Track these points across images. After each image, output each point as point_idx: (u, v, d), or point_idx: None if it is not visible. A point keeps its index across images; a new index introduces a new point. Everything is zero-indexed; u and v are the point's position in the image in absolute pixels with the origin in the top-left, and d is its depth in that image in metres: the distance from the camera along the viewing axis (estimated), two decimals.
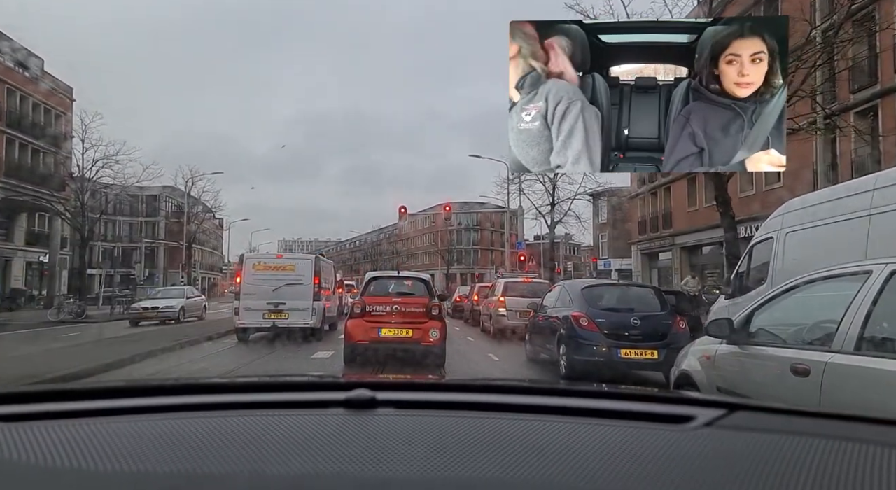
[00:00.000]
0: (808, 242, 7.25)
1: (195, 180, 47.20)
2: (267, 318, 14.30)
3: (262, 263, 14.87)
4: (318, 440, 0.97)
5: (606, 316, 9.47)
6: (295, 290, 14.49)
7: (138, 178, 33.46)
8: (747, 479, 0.87)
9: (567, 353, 9.59)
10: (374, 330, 10.46)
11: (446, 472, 0.89)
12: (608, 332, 9.25)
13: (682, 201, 30.33)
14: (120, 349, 11.98)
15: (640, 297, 10.19)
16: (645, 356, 9.08)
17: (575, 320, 9.53)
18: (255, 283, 14.47)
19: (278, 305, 14.34)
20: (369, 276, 12.46)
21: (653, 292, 10.43)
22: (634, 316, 9.40)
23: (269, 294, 14.37)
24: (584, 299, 9.86)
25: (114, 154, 31.98)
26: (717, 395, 4.03)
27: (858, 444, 0.98)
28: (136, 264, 47.83)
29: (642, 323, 9.29)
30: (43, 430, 0.99)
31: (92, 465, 0.88)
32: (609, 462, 0.93)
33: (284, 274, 14.67)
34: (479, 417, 1.14)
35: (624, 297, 10.23)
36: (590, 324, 9.40)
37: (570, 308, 9.97)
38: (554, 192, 32.65)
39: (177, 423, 1.07)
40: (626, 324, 9.31)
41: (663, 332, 9.31)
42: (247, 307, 14.34)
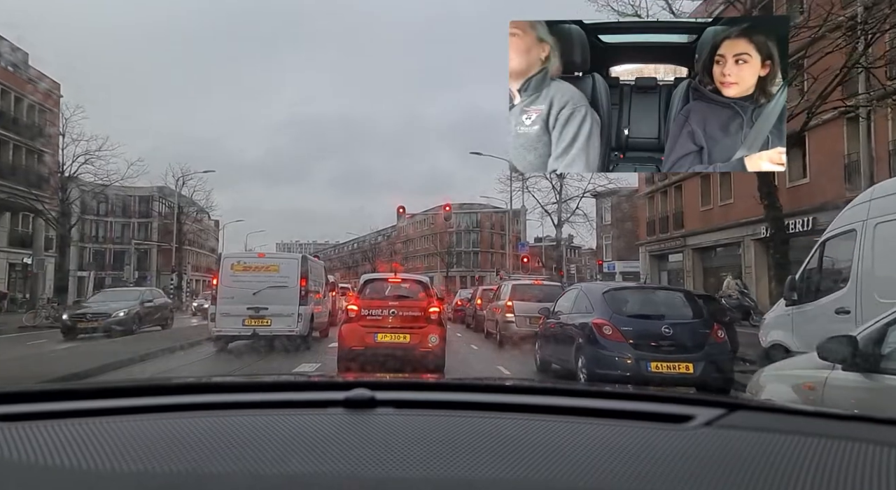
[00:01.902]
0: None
1: (186, 179, 45.65)
2: (247, 324, 12.74)
3: (242, 263, 13.29)
4: (318, 440, 0.97)
5: (633, 324, 8.10)
6: (279, 293, 12.96)
7: (122, 176, 31.66)
8: (747, 479, 0.87)
9: (587, 365, 8.23)
10: (369, 335, 9.81)
11: (446, 471, 0.89)
12: (635, 341, 7.90)
13: (694, 200, 28.92)
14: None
15: (670, 302, 8.80)
16: (678, 370, 7.73)
17: (597, 328, 8.15)
18: (233, 286, 12.93)
19: (260, 310, 12.80)
20: (364, 277, 11.54)
21: (684, 296, 9.03)
22: (665, 324, 8.02)
23: (250, 298, 12.81)
24: (607, 304, 8.48)
25: (96, 150, 30.34)
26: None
27: (858, 443, 0.98)
28: (126, 266, 46.22)
29: (675, 332, 7.92)
30: (44, 429, 0.99)
31: (92, 465, 0.88)
32: (609, 461, 0.92)
33: (267, 275, 13.14)
34: (479, 417, 1.13)
35: (652, 302, 8.85)
36: (614, 332, 8.02)
37: (591, 314, 8.59)
38: (561, 190, 31.24)
39: (176, 422, 1.06)
40: (657, 333, 7.94)
41: (699, 342, 7.94)
42: (224, 312, 12.79)
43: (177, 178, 45.61)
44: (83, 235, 61.25)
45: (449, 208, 38.75)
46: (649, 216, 34.86)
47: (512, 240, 40.70)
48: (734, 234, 25.58)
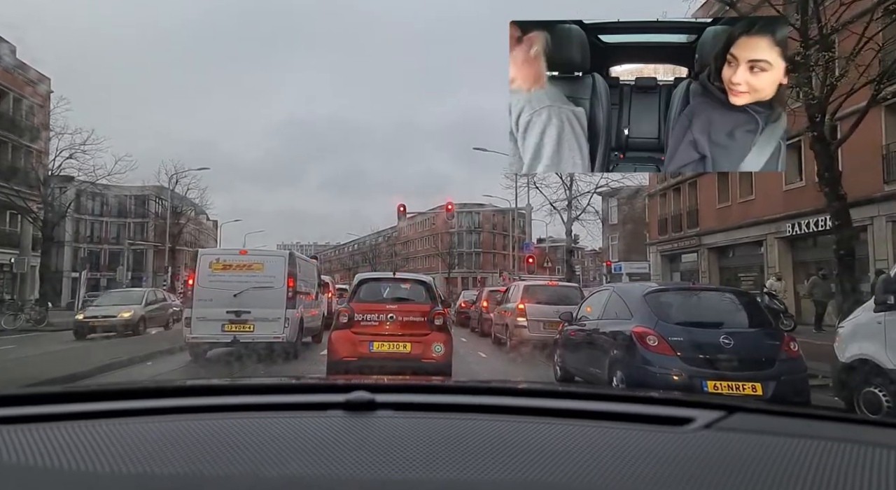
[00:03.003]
0: None
1: (180, 177, 44.13)
2: (226, 330, 11.20)
3: (221, 261, 11.70)
4: (318, 442, 0.96)
5: (684, 333, 6.64)
6: (263, 294, 11.42)
7: (109, 171, 29.93)
8: (746, 481, 0.87)
9: (626, 382, 6.80)
10: (363, 344, 8.56)
11: (446, 474, 0.88)
12: (687, 355, 6.46)
13: (710, 197, 27.42)
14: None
15: (726, 306, 7.31)
16: (743, 391, 6.29)
17: (639, 338, 6.71)
18: (211, 287, 11.38)
19: (241, 314, 11.26)
20: (359, 277, 10.01)
21: (743, 299, 7.52)
22: (724, 333, 6.56)
23: (230, 300, 11.27)
24: (650, 309, 7.02)
25: (81, 144, 28.70)
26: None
27: (857, 445, 0.98)
28: (119, 267, 44.78)
29: (736, 343, 6.47)
30: (44, 432, 0.99)
31: (92, 467, 0.88)
32: (608, 464, 0.92)
33: (250, 274, 11.58)
34: (479, 420, 1.13)
35: (704, 307, 7.36)
36: (661, 344, 6.57)
37: (629, 321, 7.14)
38: (571, 185, 29.73)
39: (176, 425, 1.06)
40: (714, 344, 6.49)
41: (768, 356, 6.49)
42: (201, 317, 11.23)
43: (170, 176, 44.03)
44: (77, 235, 60.36)
45: (451, 208, 37.33)
46: (661, 214, 33.35)
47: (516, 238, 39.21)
48: (755, 233, 24.11)
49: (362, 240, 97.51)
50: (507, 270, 40.85)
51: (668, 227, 32.19)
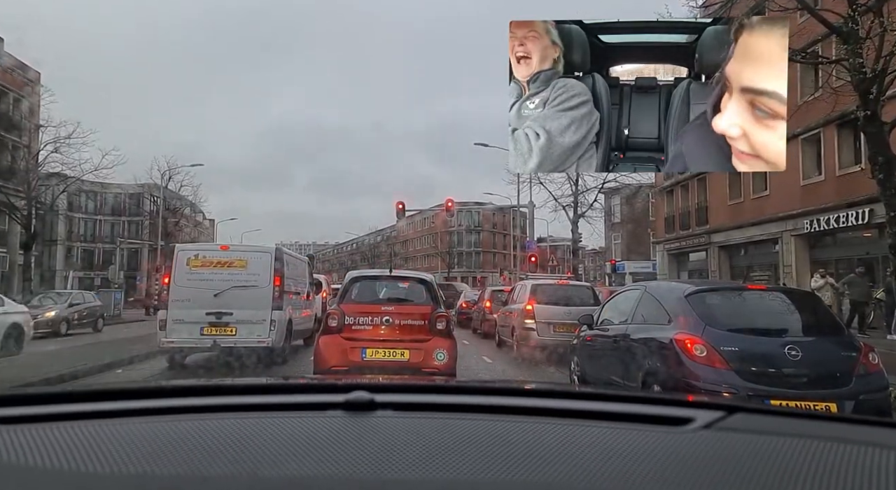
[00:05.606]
0: None
1: (172, 173, 42.95)
2: (206, 334, 10.06)
3: (200, 257, 10.55)
4: (317, 442, 0.95)
5: (739, 342, 5.54)
6: (247, 294, 10.29)
7: (95, 166, 28.59)
8: (746, 482, 0.86)
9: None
10: (355, 351, 7.58)
11: (445, 474, 0.87)
12: (744, 368, 5.38)
13: (721, 193, 26.31)
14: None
15: (788, 311, 6.17)
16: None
17: (683, 347, 5.61)
18: (189, 286, 10.24)
19: (222, 316, 10.13)
20: (351, 275, 8.89)
21: (807, 301, 6.39)
22: (790, 343, 5.45)
23: (210, 300, 10.15)
24: (695, 312, 5.90)
25: (66, 137, 27.41)
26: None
27: (857, 446, 0.97)
28: (111, 266, 43.63)
29: (805, 355, 5.36)
30: (43, 432, 0.98)
31: (91, 467, 0.87)
32: (608, 464, 0.91)
33: (232, 272, 10.44)
34: (479, 420, 1.12)
35: (762, 310, 6.20)
36: (711, 354, 5.48)
37: (669, 327, 6.04)
38: (577, 180, 28.64)
39: (176, 425, 1.05)
40: (777, 355, 5.40)
41: (844, 370, 5.40)
42: (177, 319, 10.10)
43: (162, 173, 42.84)
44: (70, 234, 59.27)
45: (452, 206, 36.32)
46: (668, 212, 32.27)
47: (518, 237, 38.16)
48: (770, 230, 23.02)
49: (361, 239, 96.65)
50: (508, 270, 39.75)
51: (676, 224, 31.13)
